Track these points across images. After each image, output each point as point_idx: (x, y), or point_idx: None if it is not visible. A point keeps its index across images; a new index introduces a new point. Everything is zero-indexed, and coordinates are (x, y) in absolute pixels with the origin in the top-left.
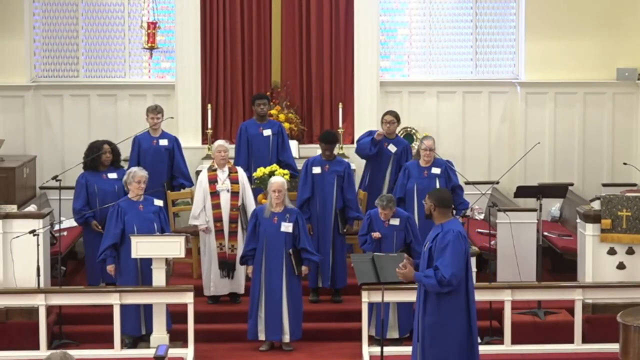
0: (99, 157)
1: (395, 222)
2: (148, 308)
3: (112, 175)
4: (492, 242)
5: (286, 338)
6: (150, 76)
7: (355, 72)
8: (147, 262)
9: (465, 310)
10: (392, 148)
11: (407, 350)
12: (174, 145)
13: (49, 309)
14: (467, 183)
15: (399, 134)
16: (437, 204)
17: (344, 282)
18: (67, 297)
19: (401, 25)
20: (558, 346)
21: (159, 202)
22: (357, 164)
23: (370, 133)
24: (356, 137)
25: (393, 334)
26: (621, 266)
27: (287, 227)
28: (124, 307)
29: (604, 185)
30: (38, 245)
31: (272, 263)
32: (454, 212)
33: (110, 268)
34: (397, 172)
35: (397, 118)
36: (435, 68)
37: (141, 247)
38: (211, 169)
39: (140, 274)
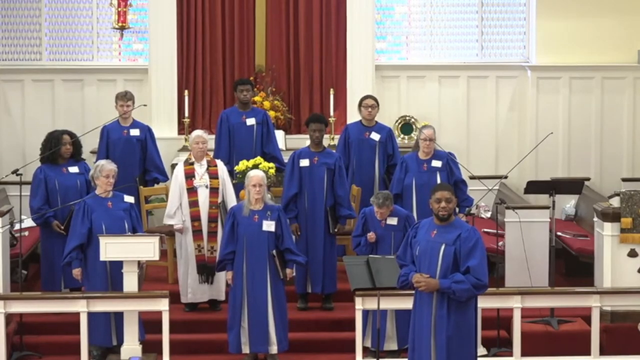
0: (58, 149)
1: (393, 221)
2: (118, 316)
3: (74, 169)
4: (500, 243)
5: (273, 349)
6: (120, 59)
7: (348, 54)
8: (117, 266)
9: (474, 317)
10: (375, 136)
11: None
12: (146, 135)
13: (9, 317)
14: (472, 178)
15: (397, 123)
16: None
17: (335, 287)
18: (28, 304)
19: (399, 2)
20: (573, 358)
21: (130, 199)
22: None
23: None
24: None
25: (391, 345)
26: None
27: (269, 225)
28: (91, 315)
29: (624, 180)
30: None
31: (254, 267)
32: (457, 209)
33: (76, 272)
34: (384, 161)
35: (377, 102)
36: (437, 50)
37: (111, 248)
38: (188, 163)
39: (110, 278)
